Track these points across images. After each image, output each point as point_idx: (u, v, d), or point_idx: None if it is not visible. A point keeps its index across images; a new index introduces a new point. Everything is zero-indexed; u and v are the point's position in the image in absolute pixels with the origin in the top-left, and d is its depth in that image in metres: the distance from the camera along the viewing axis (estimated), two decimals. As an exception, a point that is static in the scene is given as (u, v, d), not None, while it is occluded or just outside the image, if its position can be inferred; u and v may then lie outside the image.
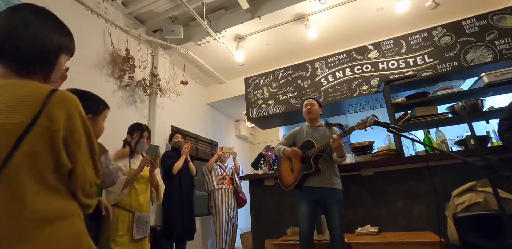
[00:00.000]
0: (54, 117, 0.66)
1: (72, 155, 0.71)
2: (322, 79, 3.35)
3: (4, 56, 0.72)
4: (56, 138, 0.66)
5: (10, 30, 0.71)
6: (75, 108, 0.71)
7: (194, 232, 3.09)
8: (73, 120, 0.70)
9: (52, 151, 0.67)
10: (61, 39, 0.78)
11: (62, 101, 0.69)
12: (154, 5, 3.18)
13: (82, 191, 0.75)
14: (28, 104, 0.65)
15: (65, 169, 0.70)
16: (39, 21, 0.75)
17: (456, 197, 1.78)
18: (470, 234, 1.52)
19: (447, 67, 2.78)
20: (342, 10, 3.22)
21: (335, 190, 2.01)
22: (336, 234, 1.88)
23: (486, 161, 0.93)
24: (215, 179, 3.67)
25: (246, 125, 5.44)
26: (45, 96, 0.66)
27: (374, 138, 2.75)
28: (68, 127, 0.69)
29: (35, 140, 0.64)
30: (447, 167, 2.16)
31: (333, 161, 2.09)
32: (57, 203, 0.68)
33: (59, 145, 0.67)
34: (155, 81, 3.27)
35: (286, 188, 2.20)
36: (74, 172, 0.72)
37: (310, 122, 2.27)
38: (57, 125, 0.66)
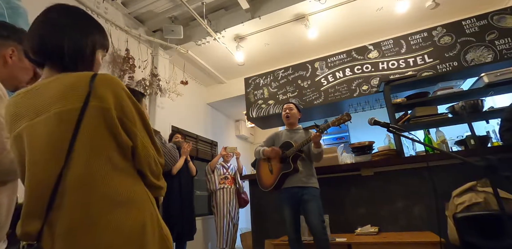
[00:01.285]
0: (103, 97, 0.69)
1: (129, 131, 0.72)
2: (322, 79, 3.34)
3: (48, 58, 0.75)
4: (109, 115, 0.69)
5: (49, 33, 0.74)
6: (120, 88, 0.73)
7: (195, 232, 3.09)
8: (121, 98, 0.72)
9: (110, 129, 0.69)
10: (95, 36, 0.81)
11: (106, 82, 0.71)
12: (154, 5, 3.18)
13: (149, 169, 0.75)
14: (76, 90, 0.68)
15: (126, 146, 0.71)
16: (74, 22, 0.78)
17: (456, 197, 1.78)
18: (470, 234, 1.52)
19: (447, 67, 2.78)
20: (342, 10, 3.22)
21: (311, 188, 2.04)
22: (318, 231, 1.86)
23: (486, 161, 0.93)
24: (217, 179, 3.68)
25: (246, 125, 5.44)
26: (89, 80, 0.69)
27: (374, 138, 2.75)
28: (118, 105, 0.71)
29: (92, 121, 0.67)
30: (447, 167, 2.16)
31: (311, 162, 2.15)
32: (126, 186, 0.69)
33: (114, 122, 0.69)
34: (155, 81, 3.27)
35: (265, 189, 2.24)
36: (136, 148, 0.73)
37: (289, 126, 2.34)
38: (108, 103, 0.69)
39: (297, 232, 2.02)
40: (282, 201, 2.12)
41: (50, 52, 0.74)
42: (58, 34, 0.74)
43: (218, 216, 3.56)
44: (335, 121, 1.97)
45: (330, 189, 2.51)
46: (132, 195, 0.69)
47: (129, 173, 0.72)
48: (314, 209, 1.94)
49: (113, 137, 0.69)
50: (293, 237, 2.00)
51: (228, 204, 3.59)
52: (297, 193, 2.03)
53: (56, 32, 0.74)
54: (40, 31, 0.74)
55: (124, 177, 0.70)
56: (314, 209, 1.94)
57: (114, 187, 0.66)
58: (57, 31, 0.74)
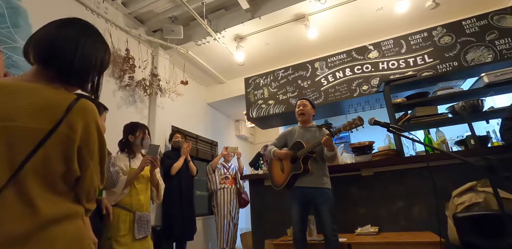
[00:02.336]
0: (74, 126, 0.70)
1: (84, 163, 0.74)
2: (322, 79, 3.34)
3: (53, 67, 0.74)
4: (72, 146, 0.70)
5: (63, 46, 0.74)
6: (93, 119, 0.75)
7: (195, 232, 3.08)
8: (89, 130, 0.74)
9: (65, 158, 0.70)
10: (105, 56, 0.83)
11: (82, 111, 0.72)
12: (154, 5, 3.18)
13: (86, 196, 0.78)
14: (51, 111, 0.68)
15: (73, 176, 0.73)
16: (89, 40, 0.79)
17: (456, 197, 1.77)
18: (470, 234, 1.52)
19: (447, 67, 2.78)
20: (342, 10, 3.22)
21: (324, 189, 2.02)
22: (329, 233, 1.88)
23: (486, 161, 0.93)
24: (218, 179, 3.69)
25: (246, 125, 5.44)
26: (68, 104, 0.70)
27: (374, 138, 2.75)
28: (84, 137, 0.72)
29: (53, 146, 0.67)
30: (447, 167, 2.16)
31: (323, 162, 2.11)
32: (64, 206, 0.71)
33: (73, 153, 0.71)
34: (155, 81, 3.27)
35: (276, 188, 2.23)
36: (83, 179, 0.75)
37: (302, 123, 2.29)
38: (75, 134, 0.70)
39: (303, 231, 2.00)
40: (292, 199, 2.09)
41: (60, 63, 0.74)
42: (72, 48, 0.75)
43: (219, 216, 3.56)
44: (347, 126, 1.85)
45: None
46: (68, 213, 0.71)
47: (68, 196, 0.74)
48: (327, 213, 1.92)
49: (65, 166, 0.70)
50: (299, 236, 1.98)
51: (229, 204, 3.59)
52: (309, 193, 2.01)
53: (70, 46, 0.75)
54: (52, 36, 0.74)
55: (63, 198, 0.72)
56: (327, 213, 1.92)
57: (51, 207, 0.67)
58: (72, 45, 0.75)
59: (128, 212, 1.86)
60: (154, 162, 1.91)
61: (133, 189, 1.91)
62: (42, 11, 2.26)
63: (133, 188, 1.91)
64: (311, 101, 2.31)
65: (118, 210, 1.84)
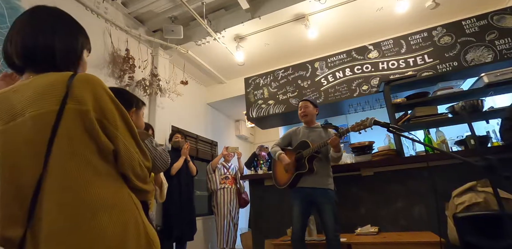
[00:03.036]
0: (81, 98, 0.66)
1: (110, 134, 0.69)
2: (322, 79, 3.34)
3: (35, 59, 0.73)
4: (88, 118, 0.66)
5: (40, 36, 0.72)
6: (100, 88, 0.70)
7: (195, 232, 3.08)
8: (101, 99, 0.69)
9: (89, 132, 0.66)
10: (81, 38, 0.82)
11: (85, 82, 0.68)
12: (154, 5, 3.18)
13: (133, 172, 0.72)
14: (53, 91, 0.65)
15: (107, 149, 0.69)
16: (63, 24, 0.77)
17: (456, 197, 1.78)
18: (470, 234, 1.52)
19: (447, 67, 2.78)
20: (342, 10, 3.22)
21: (327, 190, 2.02)
22: (330, 233, 1.88)
23: (486, 161, 0.93)
24: (218, 178, 3.69)
25: (246, 125, 5.44)
26: (67, 81, 0.66)
27: (374, 138, 2.75)
28: (98, 107, 0.68)
29: (69, 125, 0.64)
30: (447, 167, 2.16)
31: (327, 162, 2.11)
32: (108, 191, 0.67)
33: (93, 126, 0.66)
34: (155, 81, 3.27)
35: (279, 187, 2.23)
36: (118, 152, 0.70)
37: (307, 123, 2.29)
38: (86, 105, 0.66)
39: (302, 230, 2.01)
40: (294, 198, 2.09)
41: (40, 53, 0.71)
42: (49, 37, 0.72)
43: (219, 216, 3.56)
44: (355, 127, 1.79)
45: (330, 189, 2.51)
46: (115, 200, 0.67)
47: (111, 177, 0.69)
48: (330, 214, 1.92)
49: (93, 140, 0.66)
50: (298, 235, 1.99)
51: (229, 204, 3.59)
52: (312, 193, 2.02)
53: (47, 36, 0.72)
54: (27, 32, 0.72)
55: (105, 181, 0.67)
56: (330, 214, 1.92)
57: (95, 192, 0.64)
58: (48, 34, 0.73)
59: None
60: None
61: None
62: (42, 11, 2.26)
63: None
64: (312, 101, 2.30)
65: None
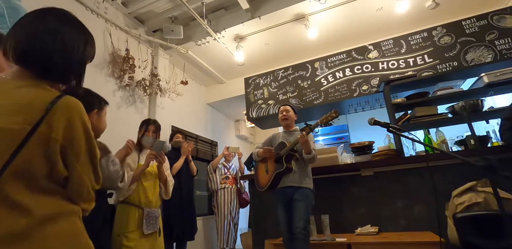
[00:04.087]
0: (55, 125, 0.66)
1: (69, 163, 0.71)
2: (322, 79, 3.34)
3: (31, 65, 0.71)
4: (53, 146, 0.66)
5: (39, 40, 0.70)
6: (78, 116, 0.71)
7: (195, 232, 3.08)
8: (73, 128, 0.69)
9: (48, 159, 0.67)
10: (86, 46, 0.78)
11: (65, 109, 0.68)
12: (154, 5, 3.18)
13: (79, 197, 0.75)
14: (31, 110, 0.64)
15: (60, 176, 0.70)
16: (67, 30, 0.74)
17: (456, 197, 1.78)
18: (470, 234, 1.52)
19: (447, 67, 2.78)
20: (342, 10, 3.22)
21: (303, 188, 2.03)
22: (297, 231, 1.86)
23: (486, 161, 0.93)
24: (219, 178, 3.69)
25: (246, 125, 5.44)
26: (49, 103, 0.66)
27: (374, 138, 2.75)
28: (67, 136, 0.68)
29: (34, 147, 0.64)
30: (447, 167, 2.16)
31: (306, 162, 2.14)
32: (56, 203, 0.69)
33: (56, 154, 0.67)
34: (155, 81, 3.27)
35: (260, 189, 2.23)
36: (70, 180, 0.72)
37: (286, 127, 2.36)
38: (57, 133, 0.66)
39: (290, 232, 2.00)
40: (277, 201, 2.13)
41: (36, 59, 0.70)
42: (49, 41, 0.71)
43: (219, 216, 3.56)
44: (323, 119, 1.97)
45: (330, 189, 2.51)
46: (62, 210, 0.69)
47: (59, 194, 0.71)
48: (301, 208, 1.94)
49: (49, 167, 0.67)
50: (287, 237, 2.01)
51: (229, 204, 3.59)
52: (290, 193, 2.04)
53: (46, 39, 0.71)
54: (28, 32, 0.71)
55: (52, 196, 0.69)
56: (300, 208, 1.94)
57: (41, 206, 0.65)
58: (48, 38, 0.71)
59: (137, 208, 1.89)
60: (159, 157, 1.94)
61: (141, 186, 1.94)
62: (42, 11, 2.26)
63: (141, 185, 1.94)
64: (293, 106, 2.40)
65: (127, 207, 1.87)
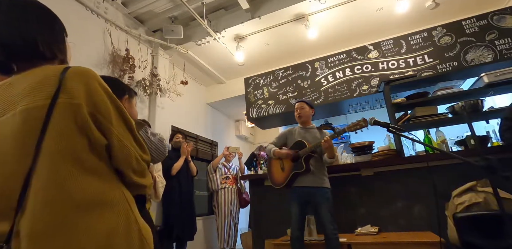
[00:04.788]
0: (73, 91, 0.64)
1: (104, 129, 0.67)
2: (322, 79, 3.34)
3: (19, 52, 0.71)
4: (80, 112, 0.64)
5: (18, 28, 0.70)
6: (95, 80, 0.68)
7: (195, 232, 3.08)
8: (95, 92, 0.67)
9: (81, 127, 0.64)
10: (61, 24, 0.80)
11: (78, 75, 0.66)
12: (154, 5, 3.18)
13: (129, 167, 0.70)
14: (45, 85, 0.63)
15: (100, 145, 0.66)
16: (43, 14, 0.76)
17: (456, 197, 1.78)
18: (470, 234, 1.52)
19: (447, 67, 2.78)
20: (342, 10, 3.22)
21: (323, 188, 2.05)
22: (329, 232, 1.90)
23: (486, 161, 0.93)
24: (219, 178, 3.70)
25: (246, 125, 5.44)
26: (60, 74, 0.65)
27: (374, 138, 2.75)
28: (91, 101, 0.66)
29: (60, 120, 0.62)
30: (447, 167, 2.16)
31: (322, 162, 2.14)
32: (98, 188, 0.64)
33: (85, 120, 0.64)
34: (155, 81, 3.27)
35: (276, 187, 2.25)
36: (112, 147, 0.68)
37: (302, 124, 2.34)
38: (78, 99, 0.64)
39: (301, 230, 2.03)
40: (291, 198, 2.13)
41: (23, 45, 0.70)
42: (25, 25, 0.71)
43: (220, 216, 3.56)
44: (351, 127, 1.91)
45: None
46: (104, 197, 0.65)
47: (103, 173, 0.67)
48: (327, 212, 1.96)
49: (85, 136, 0.64)
50: (296, 235, 2.01)
51: (230, 204, 3.60)
52: (308, 192, 2.05)
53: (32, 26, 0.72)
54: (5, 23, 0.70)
55: (96, 178, 0.65)
56: (326, 212, 1.96)
57: (84, 189, 0.62)
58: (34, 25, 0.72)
59: None
60: None
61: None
62: (42, 11, 2.26)
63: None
64: (308, 102, 2.35)
65: None
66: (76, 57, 2.55)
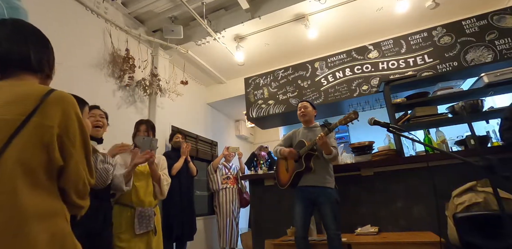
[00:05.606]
0: (49, 114, 0.70)
1: (66, 152, 0.73)
2: (322, 79, 3.34)
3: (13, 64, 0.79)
4: (49, 134, 0.69)
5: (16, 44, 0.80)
6: (72, 108, 0.75)
7: (194, 232, 3.08)
8: (69, 118, 0.74)
9: (44, 147, 0.69)
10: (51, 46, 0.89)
11: (59, 100, 0.73)
12: (154, 5, 3.18)
13: (75, 189, 0.75)
14: (24, 102, 0.69)
15: (56, 165, 0.71)
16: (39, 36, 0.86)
17: (456, 197, 1.78)
18: (470, 234, 1.52)
19: (447, 67, 2.78)
20: (342, 10, 3.22)
21: (327, 188, 2.04)
22: (331, 232, 1.89)
23: (486, 161, 0.93)
24: (220, 178, 3.70)
25: (246, 125, 5.44)
26: (42, 95, 0.71)
27: (374, 138, 2.75)
28: (63, 125, 0.72)
29: (29, 136, 0.67)
30: (447, 167, 2.16)
31: (326, 161, 2.13)
32: (45, 201, 0.69)
33: (52, 141, 0.69)
34: (155, 81, 3.27)
35: (281, 187, 2.26)
36: (67, 169, 0.73)
37: (305, 124, 2.34)
38: (52, 121, 0.70)
39: (305, 230, 2.02)
40: (295, 198, 2.13)
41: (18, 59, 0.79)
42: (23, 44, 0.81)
43: (221, 216, 3.57)
44: (342, 120, 1.94)
45: (330, 189, 2.51)
46: (46, 210, 0.69)
47: (50, 189, 0.72)
48: (330, 212, 1.94)
49: (46, 155, 0.69)
50: (301, 235, 2.00)
51: (231, 203, 3.61)
52: (312, 192, 2.04)
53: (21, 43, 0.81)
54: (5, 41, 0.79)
55: (45, 192, 0.70)
56: (329, 213, 1.94)
57: (30, 200, 0.66)
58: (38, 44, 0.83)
59: (129, 208, 1.87)
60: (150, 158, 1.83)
61: (133, 187, 1.91)
62: (42, 11, 2.26)
63: (133, 186, 1.91)
64: (311, 102, 2.37)
65: (119, 207, 1.86)
66: (76, 57, 2.55)
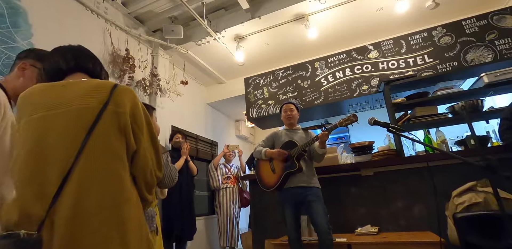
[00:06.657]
0: (121, 103, 0.79)
1: (136, 137, 0.80)
2: (322, 79, 3.34)
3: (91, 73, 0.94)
4: (124, 118, 0.78)
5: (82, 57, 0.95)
6: (137, 98, 0.85)
7: (194, 232, 3.09)
8: (136, 107, 0.82)
9: (123, 130, 0.77)
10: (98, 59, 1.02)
11: (126, 91, 0.83)
12: (154, 5, 3.18)
13: (144, 178, 0.81)
14: (99, 93, 0.79)
15: (131, 149, 0.78)
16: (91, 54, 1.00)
17: (456, 197, 1.77)
18: (470, 234, 1.52)
19: (447, 67, 2.78)
20: (342, 10, 3.22)
21: (314, 188, 2.07)
22: (323, 231, 1.88)
23: (486, 161, 0.93)
24: (220, 176, 3.72)
25: (246, 125, 5.44)
26: (111, 87, 0.81)
27: (374, 138, 2.75)
28: (132, 112, 0.80)
29: (107, 122, 0.76)
30: (447, 167, 2.16)
31: (311, 162, 2.18)
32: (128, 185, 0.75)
33: (127, 125, 0.78)
34: (155, 81, 3.27)
35: (267, 189, 2.24)
36: (137, 154, 0.79)
37: (289, 126, 2.37)
38: (124, 108, 0.78)
39: (297, 231, 2.03)
40: (283, 201, 2.12)
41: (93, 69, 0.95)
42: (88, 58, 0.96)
43: (222, 215, 3.58)
44: (342, 122, 2.01)
45: (330, 189, 2.50)
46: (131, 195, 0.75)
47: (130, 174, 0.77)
48: (320, 210, 1.96)
49: (124, 138, 0.77)
50: (294, 237, 2.01)
51: (232, 202, 3.61)
52: (300, 193, 2.05)
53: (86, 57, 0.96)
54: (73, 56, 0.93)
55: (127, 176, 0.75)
56: (319, 210, 1.96)
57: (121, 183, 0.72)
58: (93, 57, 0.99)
59: None
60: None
61: None
62: (42, 11, 2.26)
63: None
64: (296, 105, 2.42)
65: None
66: (76, 57, 2.55)
